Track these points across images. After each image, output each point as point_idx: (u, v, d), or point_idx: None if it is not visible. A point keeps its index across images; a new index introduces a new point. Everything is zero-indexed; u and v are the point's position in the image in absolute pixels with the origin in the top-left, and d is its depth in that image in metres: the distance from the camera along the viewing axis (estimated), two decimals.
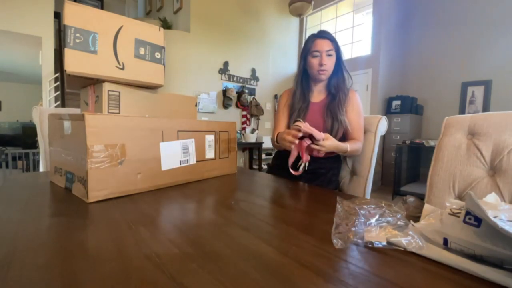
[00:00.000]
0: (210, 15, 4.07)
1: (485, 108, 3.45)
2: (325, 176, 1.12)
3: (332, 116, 1.07)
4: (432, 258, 0.38)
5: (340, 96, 1.09)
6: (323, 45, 1.05)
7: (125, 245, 0.40)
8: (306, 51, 1.11)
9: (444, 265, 0.36)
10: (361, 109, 1.09)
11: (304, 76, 1.17)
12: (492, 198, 0.41)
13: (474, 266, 0.34)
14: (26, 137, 5.42)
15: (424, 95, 4.00)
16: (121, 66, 0.76)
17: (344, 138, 1.11)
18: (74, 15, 0.67)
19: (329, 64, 1.07)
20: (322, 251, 0.41)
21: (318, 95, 1.18)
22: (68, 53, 0.67)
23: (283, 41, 5.09)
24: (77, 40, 0.67)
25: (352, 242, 0.43)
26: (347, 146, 0.97)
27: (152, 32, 0.83)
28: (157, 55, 0.84)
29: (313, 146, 0.88)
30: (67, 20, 0.66)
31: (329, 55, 1.05)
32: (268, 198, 0.74)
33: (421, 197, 0.62)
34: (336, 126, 1.06)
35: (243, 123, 4.50)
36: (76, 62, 0.68)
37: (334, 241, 0.43)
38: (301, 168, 1.08)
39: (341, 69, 1.11)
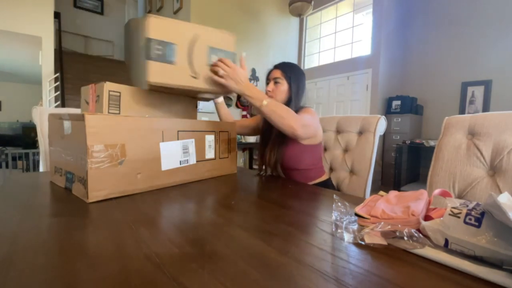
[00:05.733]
0: (210, 15, 4.07)
1: (485, 108, 3.45)
2: None
3: (278, 145, 1.05)
4: (432, 259, 0.38)
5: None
6: (273, 73, 1.10)
7: (125, 245, 0.40)
8: (265, 81, 1.16)
9: (444, 265, 0.36)
10: (308, 112, 1.02)
11: None
12: (505, 198, 0.41)
13: (474, 267, 0.34)
14: (26, 137, 5.42)
15: (424, 95, 4.00)
16: (195, 75, 0.78)
17: (301, 162, 1.06)
18: (156, 28, 0.69)
19: (276, 91, 1.08)
20: (322, 251, 0.41)
21: None
22: (151, 65, 0.69)
23: (283, 41, 5.09)
24: (158, 52, 0.69)
25: (352, 242, 0.43)
26: (266, 97, 0.87)
27: (224, 38, 0.83)
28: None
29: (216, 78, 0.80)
30: (151, 33, 0.68)
31: (276, 82, 1.08)
32: (268, 198, 0.74)
33: None
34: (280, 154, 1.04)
35: None
36: (157, 73, 0.70)
37: (338, 238, 0.43)
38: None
39: (293, 99, 1.07)
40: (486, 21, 3.45)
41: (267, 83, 1.12)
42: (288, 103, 1.08)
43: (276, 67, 1.12)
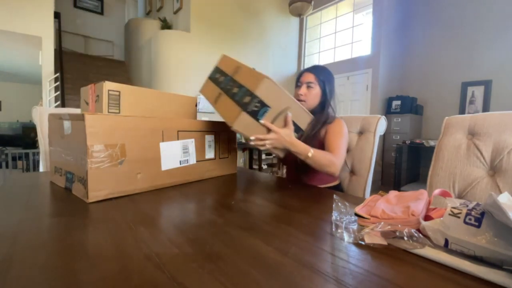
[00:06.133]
0: (210, 15, 4.07)
1: (485, 108, 3.45)
2: None
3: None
4: (432, 259, 0.38)
5: (318, 131, 1.04)
6: (306, 77, 1.08)
7: (125, 245, 0.40)
8: (295, 84, 1.15)
9: (444, 265, 0.36)
10: (342, 131, 1.02)
11: None
12: (505, 198, 0.40)
13: (474, 267, 0.34)
14: (26, 137, 5.42)
15: (424, 95, 4.00)
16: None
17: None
18: (265, 90, 0.74)
19: (308, 95, 1.07)
20: (322, 251, 0.41)
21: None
22: (242, 116, 0.74)
23: (283, 41, 5.09)
24: (254, 108, 0.75)
25: (352, 242, 0.43)
26: (310, 149, 0.86)
27: (304, 117, 0.88)
28: (295, 134, 0.90)
29: (257, 137, 0.80)
30: (258, 91, 0.73)
31: (309, 86, 1.07)
32: (268, 198, 0.74)
33: None
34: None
35: None
36: (242, 124, 0.76)
37: (338, 238, 0.43)
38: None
39: (326, 103, 1.08)
40: (486, 21, 3.45)
41: (298, 86, 1.10)
42: (321, 107, 1.08)
43: (309, 70, 1.10)
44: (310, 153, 0.87)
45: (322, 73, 1.09)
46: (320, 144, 1.02)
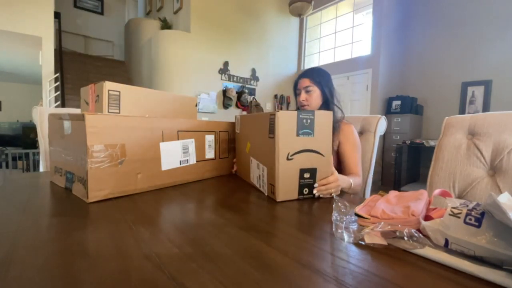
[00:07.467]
0: (210, 15, 4.07)
1: (485, 108, 3.45)
2: None
3: None
4: (432, 259, 0.38)
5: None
6: (302, 83, 1.10)
7: (125, 245, 0.40)
8: (294, 92, 1.17)
9: (444, 265, 0.36)
10: (356, 141, 1.03)
11: None
12: (505, 198, 0.40)
13: (474, 267, 0.34)
14: (26, 137, 5.42)
15: (424, 95, 4.00)
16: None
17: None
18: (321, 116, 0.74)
19: (309, 99, 1.09)
20: (322, 251, 0.41)
21: None
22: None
23: (283, 41, 5.09)
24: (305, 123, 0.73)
25: (352, 242, 0.43)
26: (350, 180, 0.87)
27: None
28: None
29: (320, 188, 0.73)
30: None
31: (308, 91, 1.09)
32: (268, 198, 0.74)
33: None
34: None
35: None
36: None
37: (338, 238, 0.43)
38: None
39: (329, 102, 1.08)
40: (486, 21, 3.45)
41: (298, 94, 1.12)
42: (324, 106, 1.09)
43: (302, 76, 1.12)
44: (351, 182, 0.85)
45: (316, 74, 1.10)
46: (334, 154, 1.03)
